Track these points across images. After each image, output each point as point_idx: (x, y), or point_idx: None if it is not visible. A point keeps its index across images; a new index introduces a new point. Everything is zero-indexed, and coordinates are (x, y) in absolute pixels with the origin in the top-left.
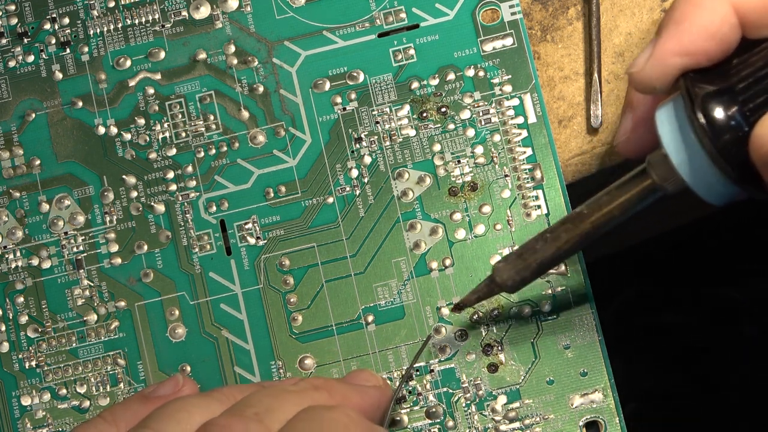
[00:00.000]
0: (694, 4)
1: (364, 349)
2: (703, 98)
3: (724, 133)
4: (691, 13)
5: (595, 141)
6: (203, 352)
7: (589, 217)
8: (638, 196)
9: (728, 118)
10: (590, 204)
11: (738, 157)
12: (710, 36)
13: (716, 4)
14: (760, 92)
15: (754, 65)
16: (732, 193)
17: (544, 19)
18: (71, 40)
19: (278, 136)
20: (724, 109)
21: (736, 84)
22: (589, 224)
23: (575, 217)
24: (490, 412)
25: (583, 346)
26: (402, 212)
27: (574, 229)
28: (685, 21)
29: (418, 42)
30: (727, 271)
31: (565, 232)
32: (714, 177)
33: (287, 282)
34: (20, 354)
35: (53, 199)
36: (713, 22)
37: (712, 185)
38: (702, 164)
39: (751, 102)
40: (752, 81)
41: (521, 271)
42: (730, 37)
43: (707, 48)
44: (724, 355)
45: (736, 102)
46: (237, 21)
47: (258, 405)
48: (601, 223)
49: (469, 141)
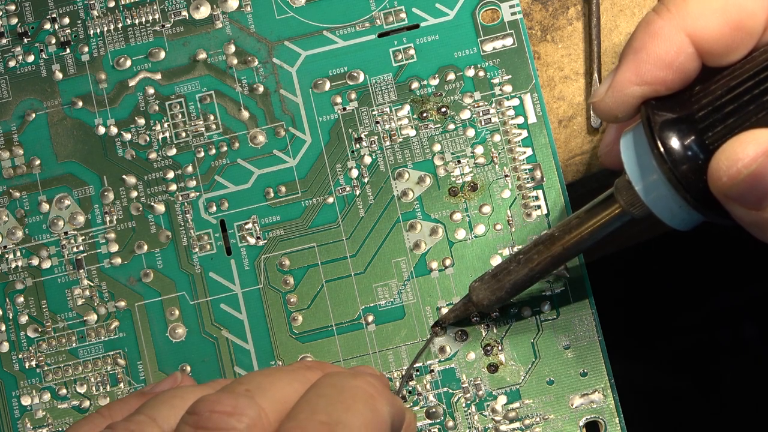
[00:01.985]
0: (650, 33)
1: (364, 349)
2: (661, 126)
3: (683, 162)
4: (648, 42)
5: (595, 141)
6: (203, 352)
7: (560, 239)
8: (606, 221)
9: (685, 147)
10: (561, 227)
11: (698, 185)
12: (667, 65)
13: (672, 34)
14: (717, 122)
15: (714, 94)
16: (696, 219)
17: (544, 19)
18: (71, 40)
19: (278, 136)
20: (681, 138)
21: (695, 113)
22: (560, 246)
23: (547, 240)
24: (490, 413)
25: (583, 346)
26: (402, 212)
27: (546, 252)
28: (642, 50)
29: (418, 42)
30: (728, 272)
31: (537, 254)
32: (676, 204)
33: (287, 282)
34: (20, 354)
35: (53, 199)
36: (669, 51)
37: (675, 212)
38: (664, 192)
39: (710, 131)
40: (711, 110)
41: (496, 291)
42: (688, 66)
43: (664, 77)
44: (724, 355)
45: (694, 130)
46: (237, 21)
47: (249, 383)
48: (571, 245)
49: (469, 141)
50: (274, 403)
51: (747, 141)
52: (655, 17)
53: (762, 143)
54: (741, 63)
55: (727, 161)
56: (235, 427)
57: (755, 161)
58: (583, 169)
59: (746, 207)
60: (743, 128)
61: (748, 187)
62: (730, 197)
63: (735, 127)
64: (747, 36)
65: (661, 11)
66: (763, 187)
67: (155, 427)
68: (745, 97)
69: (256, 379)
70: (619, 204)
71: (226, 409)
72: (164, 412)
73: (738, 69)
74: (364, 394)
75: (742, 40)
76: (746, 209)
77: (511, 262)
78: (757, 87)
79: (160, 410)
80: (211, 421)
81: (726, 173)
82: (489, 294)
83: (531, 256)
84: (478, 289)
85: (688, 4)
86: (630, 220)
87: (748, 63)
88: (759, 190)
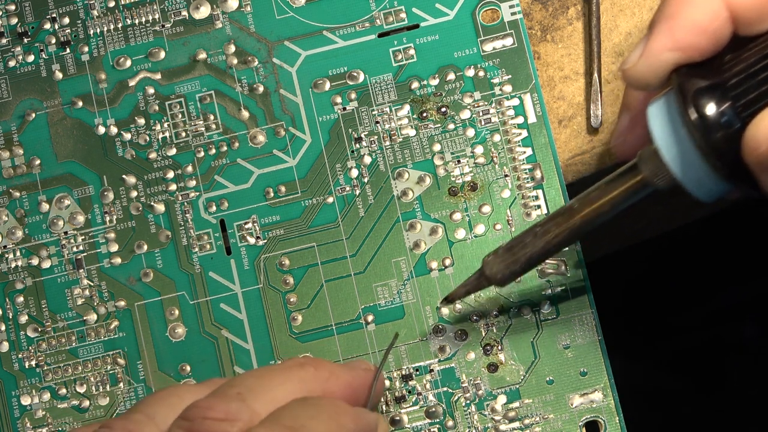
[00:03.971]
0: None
1: (364, 349)
2: (695, 93)
3: (716, 130)
4: (683, 8)
5: (595, 141)
6: (203, 351)
7: (579, 211)
8: (628, 192)
9: (720, 114)
10: (580, 198)
11: (730, 154)
12: (701, 31)
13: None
14: (752, 88)
15: (747, 61)
16: (723, 190)
17: (544, 19)
18: (71, 40)
19: (278, 136)
20: (715, 105)
21: (728, 80)
22: (579, 219)
23: (565, 212)
24: (489, 412)
25: (583, 346)
26: (402, 212)
27: (564, 224)
28: (677, 16)
29: (418, 42)
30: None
31: (555, 227)
32: (705, 173)
33: (287, 282)
34: (20, 354)
35: (53, 199)
36: (704, 17)
37: (703, 181)
38: (693, 160)
39: (743, 98)
40: (744, 77)
41: (510, 265)
42: (722, 33)
43: (699, 43)
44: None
45: (728, 98)
46: (237, 21)
47: (241, 385)
48: (590, 218)
49: (469, 141)
50: (267, 405)
51: None
52: None
53: None
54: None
55: (766, 130)
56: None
57: None
58: (583, 169)
59: None
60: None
61: None
62: (765, 166)
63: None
64: None
65: None
66: None
67: (153, 426)
68: None
69: (248, 381)
70: (643, 175)
71: (219, 415)
72: (162, 411)
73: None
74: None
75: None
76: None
77: (527, 235)
78: None
79: (158, 409)
80: (203, 426)
81: (765, 142)
82: (503, 268)
83: (548, 229)
84: (492, 262)
85: None
86: (652, 191)
87: None
88: None
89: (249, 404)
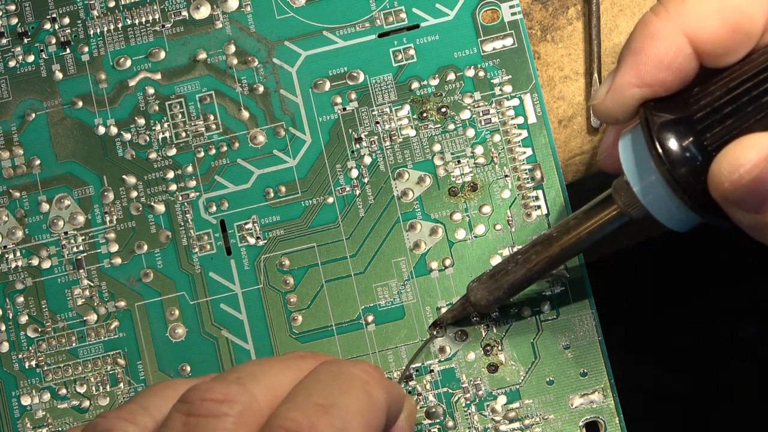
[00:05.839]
0: (649, 35)
1: (364, 349)
2: (659, 127)
3: (681, 164)
4: (647, 44)
5: (595, 141)
6: (203, 352)
7: (558, 240)
8: (605, 222)
9: (683, 149)
10: (559, 227)
11: (696, 186)
12: (665, 67)
13: (671, 35)
14: (716, 123)
15: (712, 95)
16: (694, 221)
17: (544, 19)
18: (71, 40)
19: (278, 136)
20: (679, 139)
21: (693, 114)
22: (557, 247)
23: (545, 240)
24: (490, 413)
25: (583, 346)
26: (402, 212)
27: (544, 252)
28: (641, 52)
29: (418, 42)
30: (728, 271)
31: (535, 255)
32: (674, 205)
33: (287, 282)
34: (20, 354)
35: (53, 199)
36: (668, 53)
37: (673, 213)
38: (662, 193)
39: (708, 132)
40: (709, 111)
41: (494, 292)
42: (686, 67)
43: (663, 79)
44: (724, 355)
45: (692, 132)
46: (237, 21)
47: (241, 371)
48: (569, 246)
49: (469, 141)
50: (266, 391)
51: (749, 146)
52: (653, 18)
53: (763, 148)
54: (740, 64)
55: (729, 166)
56: (226, 414)
57: (757, 167)
58: (583, 169)
59: (747, 211)
60: (742, 130)
61: (749, 191)
62: (731, 201)
63: (733, 129)
64: (745, 38)
65: (659, 12)
66: (764, 191)
67: (147, 415)
68: (744, 99)
69: (249, 367)
70: (618, 205)
71: (217, 396)
72: (156, 402)
73: (737, 70)
74: (360, 380)
75: (740, 42)
76: (746, 213)
77: (509, 263)
78: (756, 88)
79: (152, 400)
80: (202, 408)
81: (728, 178)
82: (487, 294)
83: (529, 257)
84: (476, 289)
85: (687, 4)
86: (628, 221)
87: (747, 64)
88: (760, 194)
89: (248, 388)
